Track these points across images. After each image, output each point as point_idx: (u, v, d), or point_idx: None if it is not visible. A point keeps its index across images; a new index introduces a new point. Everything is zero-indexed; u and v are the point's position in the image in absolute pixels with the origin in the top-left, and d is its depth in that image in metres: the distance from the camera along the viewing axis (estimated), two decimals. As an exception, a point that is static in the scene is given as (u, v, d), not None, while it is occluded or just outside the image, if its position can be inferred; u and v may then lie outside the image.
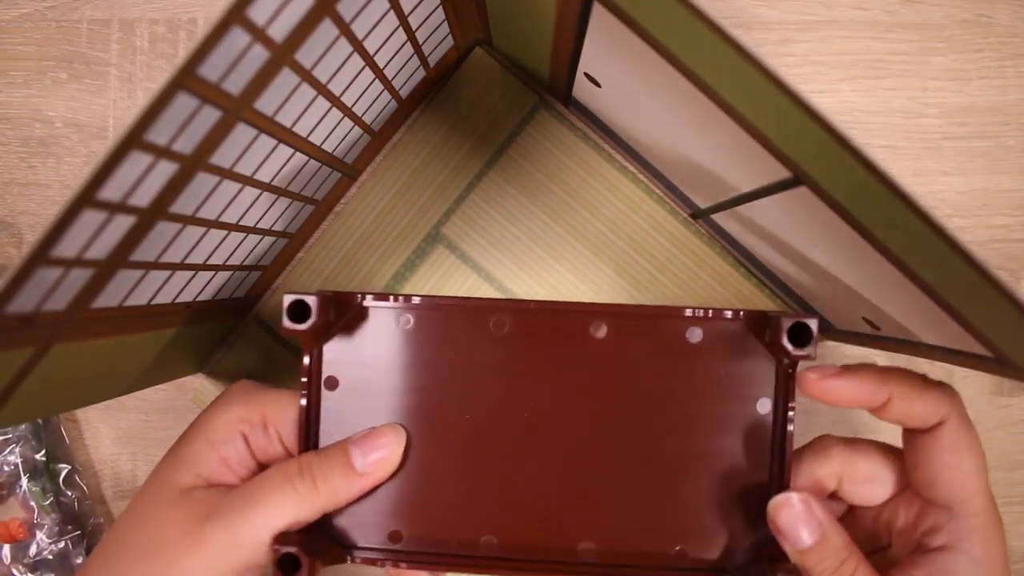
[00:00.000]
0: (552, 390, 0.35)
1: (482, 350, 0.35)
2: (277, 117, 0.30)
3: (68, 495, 0.47)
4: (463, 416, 0.35)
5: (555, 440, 0.35)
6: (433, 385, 0.35)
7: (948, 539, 0.32)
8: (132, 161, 0.23)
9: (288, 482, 0.33)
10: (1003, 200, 0.48)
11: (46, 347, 0.26)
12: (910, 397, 0.32)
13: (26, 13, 0.49)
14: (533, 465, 0.35)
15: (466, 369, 0.35)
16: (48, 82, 0.49)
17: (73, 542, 0.47)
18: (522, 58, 0.45)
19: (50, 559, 0.46)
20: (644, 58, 0.29)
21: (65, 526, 0.47)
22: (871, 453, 0.35)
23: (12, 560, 0.46)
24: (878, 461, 0.34)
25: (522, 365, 0.35)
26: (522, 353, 0.35)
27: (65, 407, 0.33)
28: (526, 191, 0.49)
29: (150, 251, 0.29)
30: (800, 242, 0.35)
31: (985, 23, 0.48)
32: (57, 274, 0.24)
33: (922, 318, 0.31)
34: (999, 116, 0.48)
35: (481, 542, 0.35)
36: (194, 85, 0.23)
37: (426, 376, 0.35)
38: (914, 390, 0.32)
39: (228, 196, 0.32)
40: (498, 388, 0.35)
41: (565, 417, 0.35)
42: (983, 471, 0.33)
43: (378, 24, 0.33)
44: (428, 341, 0.35)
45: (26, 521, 0.46)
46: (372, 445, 0.34)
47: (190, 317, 0.38)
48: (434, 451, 0.35)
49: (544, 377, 0.35)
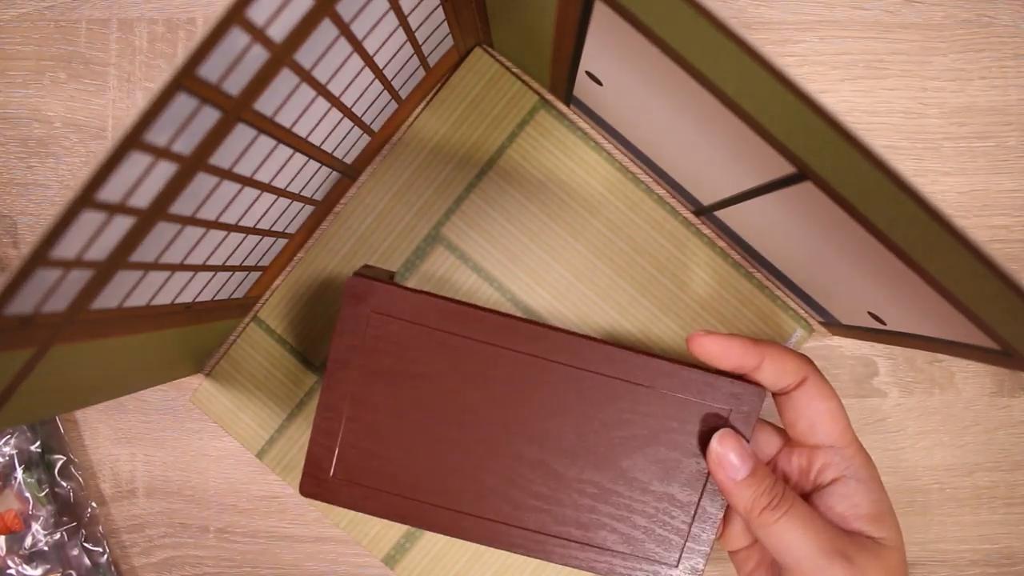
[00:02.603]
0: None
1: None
2: (277, 118, 0.30)
3: (63, 486, 0.47)
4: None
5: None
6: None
7: (837, 471, 0.39)
8: (131, 162, 0.23)
9: None
10: (1004, 200, 0.48)
11: (46, 348, 0.26)
12: (781, 358, 0.39)
13: (25, 13, 0.49)
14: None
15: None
16: (47, 82, 0.49)
17: (69, 533, 0.47)
18: (523, 57, 0.45)
19: (46, 550, 0.46)
20: (646, 55, 0.29)
21: (60, 517, 0.47)
22: (762, 431, 0.43)
23: (8, 551, 0.46)
24: (768, 434, 0.42)
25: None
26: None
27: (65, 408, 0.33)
28: (526, 191, 0.49)
29: (149, 252, 0.29)
30: (805, 237, 0.35)
31: (986, 23, 0.48)
32: (57, 275, 0.24)
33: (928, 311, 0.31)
34: (1000, 116, 0.48)
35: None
36: (194, 85, 0.23)
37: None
38: (782, 351, 0.39)
39: (228, 197, 0.32)
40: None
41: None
42: (845, 413, 0.40)
43: (378, 24, 0.33)
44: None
45: (21, 512, 0.46)
46: None
47: (190, 318, 0.38)
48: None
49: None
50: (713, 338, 0.39)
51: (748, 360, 0.39)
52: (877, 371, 0.48)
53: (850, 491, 0.39)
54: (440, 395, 0.40)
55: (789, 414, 0.40)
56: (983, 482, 0.48)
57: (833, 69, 0.49)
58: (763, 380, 0.39)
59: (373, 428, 0.40)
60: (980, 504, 0.48)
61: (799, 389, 0.39)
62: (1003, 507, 0.48)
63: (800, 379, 0.39)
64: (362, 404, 0.40)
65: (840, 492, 0.39)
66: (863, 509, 0.38)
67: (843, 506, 0.39)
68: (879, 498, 0.39)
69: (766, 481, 0.37)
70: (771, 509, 0.37)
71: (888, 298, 0.34)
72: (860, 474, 0.39)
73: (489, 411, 0.40)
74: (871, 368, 0.48)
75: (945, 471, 0.48)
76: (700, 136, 0.34)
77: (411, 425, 0.40)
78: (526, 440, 0.40)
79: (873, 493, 0.39)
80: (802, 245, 0.36)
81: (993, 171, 0.48)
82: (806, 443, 0.40)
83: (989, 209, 0.48)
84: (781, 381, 0.39)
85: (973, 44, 0.48)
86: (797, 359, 0.39)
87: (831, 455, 0.39)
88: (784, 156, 0.28)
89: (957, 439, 0.48)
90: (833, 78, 0.49)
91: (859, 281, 0.35)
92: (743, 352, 0.39)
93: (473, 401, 0.40)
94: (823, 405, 0.39)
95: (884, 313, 0.36)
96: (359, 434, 0.40)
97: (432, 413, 0.40)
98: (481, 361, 0.40)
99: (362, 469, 0.40)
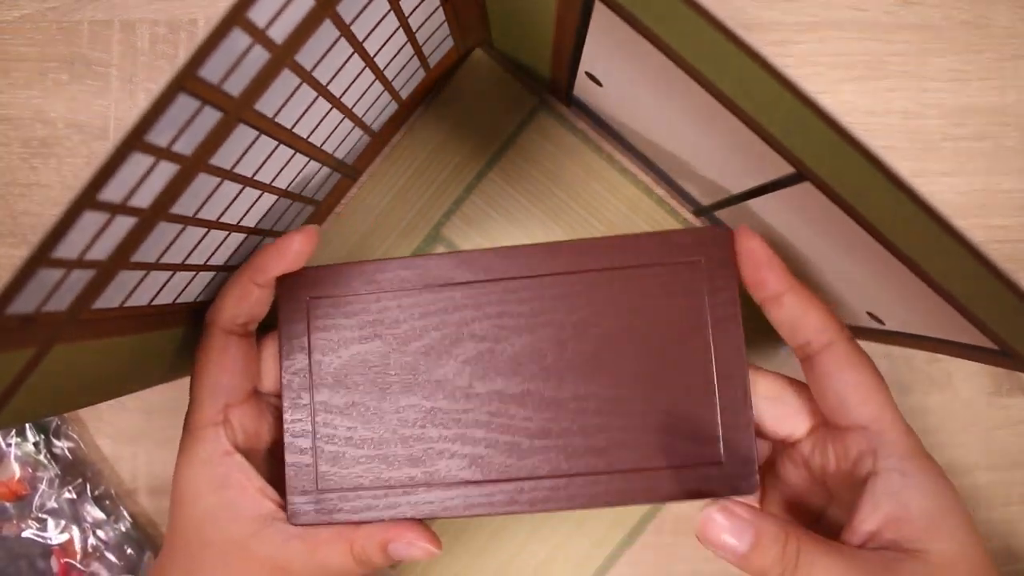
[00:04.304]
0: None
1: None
2: (278, 118, 0.30)
3: (59, 446, 0.48)
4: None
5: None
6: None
7: (874, 463, 0.32)
8: (133, 162, 0.23)
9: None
10: (1002, 201, 0.48)
11: (47, 347, 0.26)
12: (808, 300, 0.34)
13: (27, 14, 0.49)
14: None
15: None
16: (49, 83, 0.49)
17: (78, 491, 0.47)
18: (523, 58, 0.46)
19: (56, 507, 0.47)
20: (646, 56, 0.29)
21: (65, 477, 0.47)
22: (768, 375, 0.37)
23: (19, 516, 0.47)
24: (778, 381, 0.36)
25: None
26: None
27: (67, 407, 0.33)
28: (526, 192, 0.49)
29: (151, 252, 0.29)
30: (803, 237, 0.35)
31: (984, 24, 0.48)
32: (58, 275, 0.24)
33: (927, 312, 0.31)
34: (998, 117, 0.48)
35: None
36: (195, 86, 0.23)
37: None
38: (812, 296, 0.34)
39: (229, 197, 0.32)
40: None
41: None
42: (886, 389, 0.34)
43: (378, 25, 0.33)
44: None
45: (24, 477, 0.47)
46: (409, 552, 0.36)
47: (192, 317, 0.38)
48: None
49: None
50: (759, 240, 0.34)
51: (774, 275, 0.34)
52: (876, 371, 0.48)
53: (894, 488, 0.32)
54: (400, 361, 0.37)
55: (816, 385, 0.34)
56: (981, 482, 0.48)
57: (832, 70, 0.49)
58: (782, 321, 0.34)
59: (344, 424, 0.37)
60: (978, 504, 0.48)
61: (825, 354, 0.34)
62: (1001, 507, 0.48)
63: (825, 340, 0.34)
64: (325, 407, 0.37)
65: (881, 490, 0.32)
66: (911, 511, 0.31)
67: (885, 510, 0.31)
68: (934, 496, 0.32)
69: (773, 550, 0.30)
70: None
71: (887, 299, 0.34)
72: (905, 465, 0.32)
73: (452, 359, 0.36)
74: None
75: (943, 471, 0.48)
76: (699, 137, 0.34)
77: (380, 406, 0.37)
78: (502, 375, 0.36)
79: (924, 489, 0.32)
80: (801, 246, 0.36)
81: (992, 172, 0.48)
82: (839, 424, 0.34)
83: (988, 209, 0.48)
84: (800, 331, 0.34)
85: (972, 45, 0.48)
86: (826, 313, 0.34)
87: (868, 440, 0.33)
88: (783, 157, 0.28)
89: (955, 439, 0.48)
90: (832, 79, 0.49)
91: (858, 281, 0.35)
92: (778, 267, 0.34)
93: (433, 354, 0.37)
94: (853, 376, 0.33)
95: (883, 313, 0.36)
96: (334, 439, 0.37)
97: (397, 383, 0.37)
98: (428, 311, 0.37)
99: (346, 475, 0.37)
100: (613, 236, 0.36)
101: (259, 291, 0.37)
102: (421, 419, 0.37)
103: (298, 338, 0.37)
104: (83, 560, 0.47)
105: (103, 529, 0.47)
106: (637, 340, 0.36)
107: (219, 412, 0.36)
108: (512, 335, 0.36)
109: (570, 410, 0.36)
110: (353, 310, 0.37)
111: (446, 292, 0.37)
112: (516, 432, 0.36)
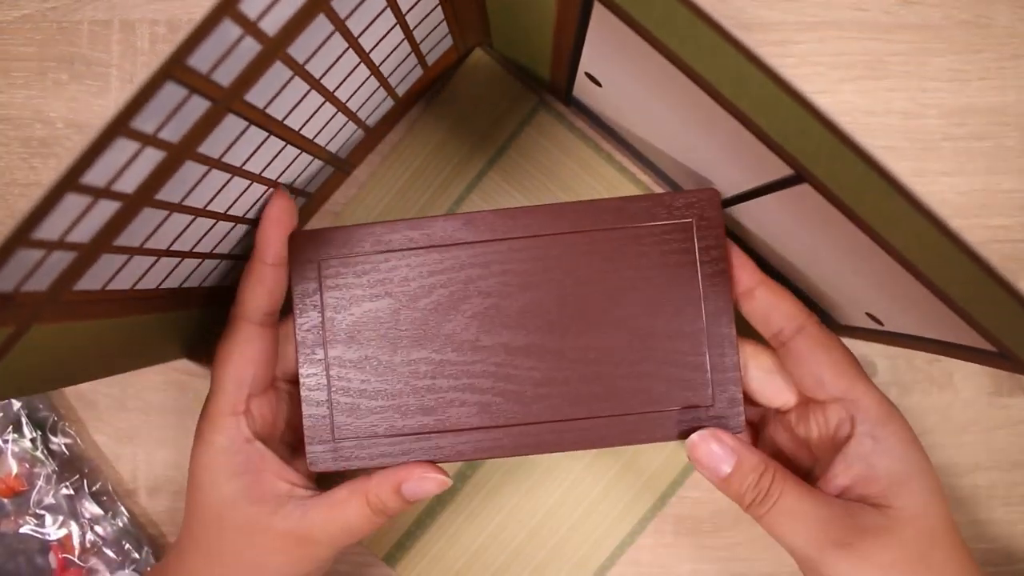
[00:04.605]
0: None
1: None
2: (269, 110, 0.30)
3: (57, 442, 0.48)
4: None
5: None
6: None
7: (851, 428, 0.36)
8: (118, 148, 0.23)
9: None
10: (1002, 201, 0.48)
11: (26, 326, 0.26)
12: (779, 292, 0.37)
13: (27, 14, 0.49)
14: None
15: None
16: (49, 83, 0.49)
17: (75, 487, 0.47)
18: (523, 58, 0.46)
19: (54, 503, 0.47)
20: (645, 57, 0.29)
21: (63, 472, 0.47)
22: (767, 350, 0.39)
23: (16, 512, 0.47)
24: (774, 356, 0.39)
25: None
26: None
27: (48, 386, 0.33)
28: (526, 191, 0.49)
29: (135, 236, 0.29)
30: (802, 238, 0.35)
31: (984, 24, 0.48)
32: (38, 255, 0.24)
33: (925, 313, 0.31)
34: (998, 117, 0.48)
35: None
36: (183, 75, 0.23)
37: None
38: (782, 288, 0.37)
39: (217, 185, 0.32)
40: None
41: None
42: (856, 363, 0.37)
43: (374, 21, 0.33)
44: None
45: (21, 473, 0.47)
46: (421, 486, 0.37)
47: (177, 303, 0.38)
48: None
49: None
50: (728, 242, 0.38)
51: (746, 273, 0.37)
52: (876, 371, 0.48)
53: (864, 450, 0.35)
54: (409, 317, 0.39)
55: (793, 369, 0.37)
56: (982, 481, 0.48)
57: (832, 70, 0.49)
58: (755, 312, 0.38)
59: (358, 378, 0.39)
60: (978, 504, 0.47)
61: (798, 339, 0.37)
62: (1001, 507, 0.48)
63: (796, 326, 0.37)
64: (339, 362, 0.39)
65: (853, 452, 0.36)
66: (878, 471, 0.35)
67: (855, 470, 0.35)
68: (901, 458, 0.35)
69: (750, 476, 0.35)
70: (758, 503, 0.35)
71: (886, 300, 0.34)
72: (877, 431, 0.35)
73: (460, 314, 0.38)
74: (869, 368, 0.48)
75: (943, 471, 0.48)
76: (698, 137, 0.34)
77: (392, 360, 0.38)
78: (507, 328, 0.38)
79: (893, 452, 0.35)
80: (800, 247, 0.36)
81: (992, 171, 0.48)
82: (818, 399, 0.37)
83: (988, 209, 0.48)
84: (773, 320, 0.37)
85: (971, 45, 0.48)
86: (795, 303, 0.37)
87: (843, 409, 0.36)
88: (781, 158, 0.28)
89: (955, 439, 0.48)
90: (832, 79, 0.49)
91: (857, 283, 0.35)
92: (748, 264, 0.37)
93: (441, 310, 0.38)
94: (825, 355, 0.37)
95: (882, 314, 0.36)
96: (348, 392, 0.39)
97: (408, 338, 0.38)
98: (436, 270, 0.38)
99: (361, 424, 0.38)
100: (610, 198, 0.38)
101: (271, 270, 0.38)
102: (431, 371, 0.38)
103: (311, 296, 0.39)
104: (81, 556, 0.47)
105: (101, 525, 0.47)
106: (633, 294, 0.38)
107: (242, 402, 0.38)
108: (516, 291, 0.38)
109: (571, 360, 0.38)
110: (363, 269, 0.39)
111: (453, 251, 0.39)
112: (521, 381, 0.38)
